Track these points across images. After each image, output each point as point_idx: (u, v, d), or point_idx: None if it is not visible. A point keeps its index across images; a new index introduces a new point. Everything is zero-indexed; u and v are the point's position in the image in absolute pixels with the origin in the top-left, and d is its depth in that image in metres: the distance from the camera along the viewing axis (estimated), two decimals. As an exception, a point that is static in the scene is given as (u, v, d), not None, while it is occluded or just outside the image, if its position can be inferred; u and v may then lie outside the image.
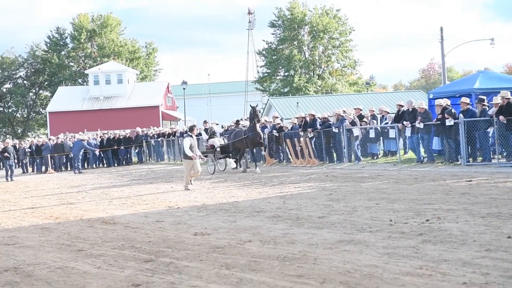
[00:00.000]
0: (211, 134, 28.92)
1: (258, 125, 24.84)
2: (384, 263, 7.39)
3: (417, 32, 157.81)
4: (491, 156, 19.83)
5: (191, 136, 19.50)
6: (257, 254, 8.46)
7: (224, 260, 8.22)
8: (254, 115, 24.63)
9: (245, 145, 25.09)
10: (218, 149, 26.78)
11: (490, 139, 19.87)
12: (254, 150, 25.85)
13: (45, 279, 7.95)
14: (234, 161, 26.37)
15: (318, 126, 26.23)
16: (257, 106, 25.84)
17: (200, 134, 30.38)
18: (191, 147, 19.14)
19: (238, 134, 25.84)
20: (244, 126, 27.32)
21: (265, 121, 29.65)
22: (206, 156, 26.17)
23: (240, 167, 25.98)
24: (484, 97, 20.31)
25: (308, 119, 26.99)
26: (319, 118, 26.85)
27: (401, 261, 7.42)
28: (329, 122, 26.17)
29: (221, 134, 29.71)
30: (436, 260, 7.36)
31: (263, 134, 26.54)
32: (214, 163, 26.48)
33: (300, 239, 9.34)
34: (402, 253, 7.87)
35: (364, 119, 25.54)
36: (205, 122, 33.25)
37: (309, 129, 26.15)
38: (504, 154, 19.54)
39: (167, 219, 12.71)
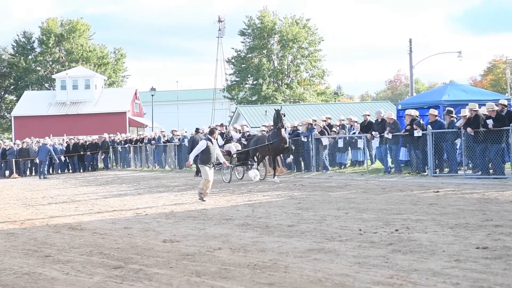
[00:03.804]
0: (228, 139, 26.08)
1: (283, 130, 22.94)
2: (355, 272, 7.39)
3: (384, 43, 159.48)
4: (458, 168, 20.04)
5: (210, 140, 17.18)
6: (227, 261, 8.41)
7: (195, 267, 8.15)
8: (278, 120, 22.70)
9: (268, 152, 23.11)
10: (235, 155, 24.62)
11: (457, 150, 20.08)
12: (278, 158, 24.25)
13: (11, 285, 7.81)
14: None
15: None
16: (281, 109, 23.35)
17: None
18: (208, 152, 16.83)
19: (260, 140, 23.81)
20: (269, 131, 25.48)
21: (292, 126, 27.23)
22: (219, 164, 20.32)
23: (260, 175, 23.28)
24: (452, 109, 20.57)
25: (277, 127, 26.84)
26: (288, 127, 26.80)
27: (372, 270, 7.44)
28: (298, 131, 26.20)
29: (238, 140, 26.55)
30: (407, 269, 7.38)
31: (288, 139, 23.95)
32: (230, 171, 23.41)
33: (270, 247, 9.31)
34: (372, 262, 7.89)
35: (333, 129, 25.62)
36: (221, 125, 30.13)
37: (278, 138, 26.04)
38: (470, 165, 19.78)
39: (135, 225, 12.58)
